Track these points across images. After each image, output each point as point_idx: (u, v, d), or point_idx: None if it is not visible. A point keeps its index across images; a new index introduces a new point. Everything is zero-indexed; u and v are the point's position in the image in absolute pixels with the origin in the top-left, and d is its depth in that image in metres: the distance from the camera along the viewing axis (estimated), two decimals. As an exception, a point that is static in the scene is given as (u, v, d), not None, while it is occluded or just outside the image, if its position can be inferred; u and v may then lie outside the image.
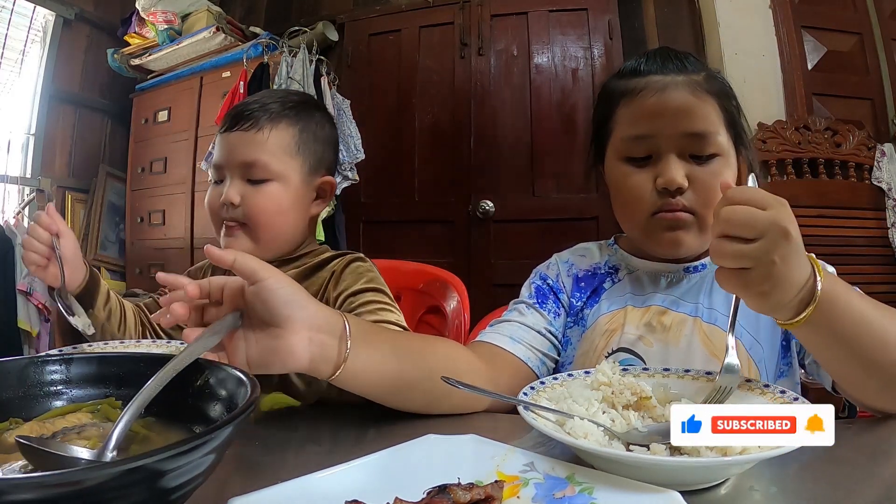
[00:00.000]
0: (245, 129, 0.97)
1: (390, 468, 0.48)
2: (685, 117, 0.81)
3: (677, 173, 0.80)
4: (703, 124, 0.81)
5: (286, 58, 2.90)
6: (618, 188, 0.87)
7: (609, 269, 0.94)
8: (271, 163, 0.97)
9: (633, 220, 0.86)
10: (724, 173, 0.81)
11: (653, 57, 0.87)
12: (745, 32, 2.65)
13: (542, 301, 0.93)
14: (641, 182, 0.83)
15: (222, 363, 0.51)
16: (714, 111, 0.82)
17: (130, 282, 3.46)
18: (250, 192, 0.97)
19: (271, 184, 0.98)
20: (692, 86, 0.82)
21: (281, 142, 0.98)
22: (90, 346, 0.92)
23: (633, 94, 0.85)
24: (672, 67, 0.84)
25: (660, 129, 0.81)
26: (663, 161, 0.81)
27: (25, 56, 3.31)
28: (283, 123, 0.99)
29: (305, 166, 1.01)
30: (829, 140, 2.58)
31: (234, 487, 0.43)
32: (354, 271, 0.98)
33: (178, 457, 0.34)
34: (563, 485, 0.46)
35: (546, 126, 2.94)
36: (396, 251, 2.80)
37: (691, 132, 0.80)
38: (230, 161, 0.98)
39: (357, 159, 2.98)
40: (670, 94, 0.82)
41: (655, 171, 0.82)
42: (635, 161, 0.84)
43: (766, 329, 0.82)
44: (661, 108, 0.82)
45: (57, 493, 0.31)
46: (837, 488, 0.51)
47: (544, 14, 2.99)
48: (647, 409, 0.61)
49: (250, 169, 0.97)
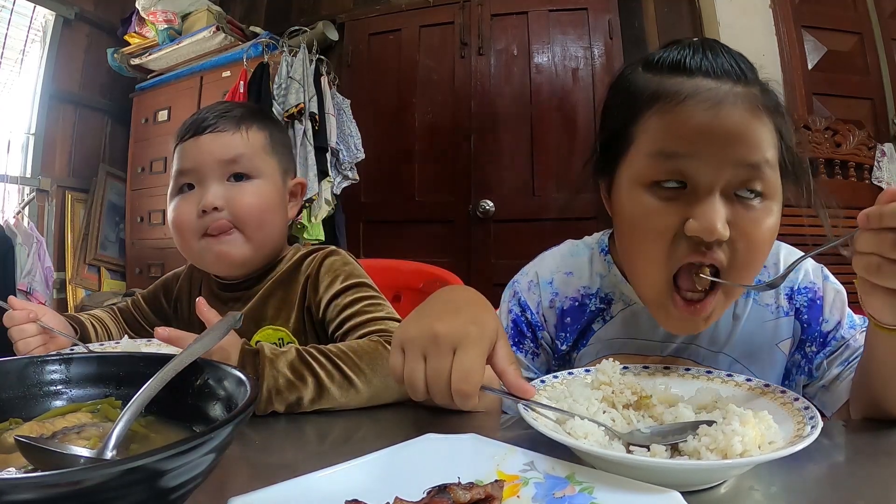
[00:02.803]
0: (220, 131, 0.93)
1: (390, 468, 0.48)
2: (740, 143, 0.62)
3: (718, 219, 0.61)
4: (760, 153, 0.63)
5: (286, 57, 2.90)
6: (631, 225, 0.69)
7: (600, 301, 0.81)
8: (252, 158, 0.94)
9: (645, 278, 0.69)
10: (769, 219, 0.65)
11: (700, 50, 0.67)
12: (745, 32, 2.65)
13: (519, 342, 0.83)
14: (666, 224, 0.64)
15: (222, 363, 0.51)
16: (771, 136, 0.65)
17: (130, 282, 3.46)
18: (235, 192, 0.92)
19: (255, 181, 0.94)
20: (752, 101, 0.64)
21: (257, 142, 0.96)
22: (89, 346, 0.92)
23: (673, 99, 0.64)
24: (727, 69, 0.65)
25: (707, 152, 0.62)
26: (701, 197, 0.63)
27: (25, 56, 3.30)
28: (255, 126, 0.96)
29: (280, 167, 0.99)
30: (829, 140, 2.58)
31: (234, 487, 0.43)
32: (330, 270, 0.94)
33: (177, 456, 0.34)
34: (563, 484, 0.46)
35: (546, 126, 2.94)
36: (396, 251, 2.79)
37: (749, 162, 0.63)
38: (205, 162, 0.92)
39: (357, 159, 2.98)
40: (728, 112, 0.62)
41: (687, 209, 0.63)
42: (662, 190, 0.65)
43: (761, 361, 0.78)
44: (711, 127, 0.62)
45: (57, 493, 0.31)
46: (837, 488, 0.51)
47: (544, 14, 3.00)
48: (647, 408, 0.61)
49: (232, 166, 0.92)
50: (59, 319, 0.93)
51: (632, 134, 0.68)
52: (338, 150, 2.90)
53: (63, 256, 3.43)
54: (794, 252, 0.80)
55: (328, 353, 0.76)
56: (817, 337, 0.77)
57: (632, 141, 0.68)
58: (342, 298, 0.90)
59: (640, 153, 0.67)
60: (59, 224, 3.43)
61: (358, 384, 0.74)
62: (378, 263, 1.46)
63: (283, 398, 0.72)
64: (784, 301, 0.79)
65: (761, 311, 0.79)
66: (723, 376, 0.66)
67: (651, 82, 0.67)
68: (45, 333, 0.89)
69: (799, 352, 0.79)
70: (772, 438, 0.51)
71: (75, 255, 3.46)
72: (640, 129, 0.67)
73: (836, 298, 0.78)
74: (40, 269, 2.96)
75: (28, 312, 0.87)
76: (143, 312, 1.09)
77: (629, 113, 0.69)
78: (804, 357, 0.78)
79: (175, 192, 0.96)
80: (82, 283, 3.45)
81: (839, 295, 0.79)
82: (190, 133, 0.94)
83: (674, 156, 0.64)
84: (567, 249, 0.88)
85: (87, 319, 1.01)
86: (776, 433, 0.52)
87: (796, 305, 0.79)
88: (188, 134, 0.94)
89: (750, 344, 0.78)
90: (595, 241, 0.87)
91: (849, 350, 0.76)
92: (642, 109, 0.67)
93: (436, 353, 0.57)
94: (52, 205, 3.37)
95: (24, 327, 0.87)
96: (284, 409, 0.72)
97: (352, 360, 0.75)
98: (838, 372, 0.76)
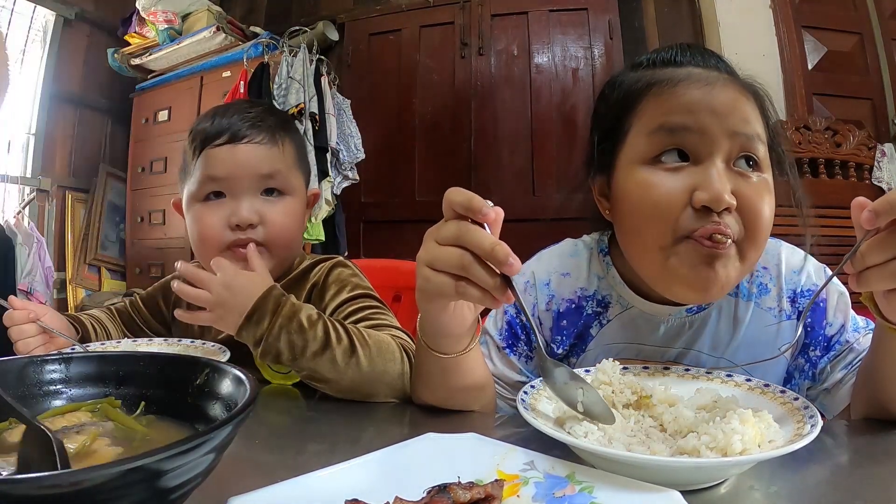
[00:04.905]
0: (258, 143, 0.91)
1: (390, 467, 0.48)
2: (736, 114, 0.65)
3: (724, 186, 0.63)
4: (754, 125, 0.66)
5: (286, 57, 2.90)
6: (638, 203, 0.67)
7: (597, 304, 0.80)
8: (288, 175, 0.93)
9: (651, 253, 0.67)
10: (768, 192, 0.66)
11: (687, 49, 0.72)
12: (745, 32, 2.65)
13: (513, 344, 0.82)
14: (674, 195, 0.64)
15: (222, 363, 0.51)
16: (758, 120, 0.68)
17: (130, 282, 3.47)
18: (268, 209, 0.90)
19: (287, 198, 0.93)
20: (740, 86, 0.68)
21: (290, 156, 0.95)
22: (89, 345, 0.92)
23: (668, 83, 0.67)
24: (713, 63, 0.70)
25: (706, 123, 0.64)
26: (705, 168, 0.64)
27: (25, 56, 3.31)
28: (288, 138, 0.95)
29: (305, 180, 0.99)
30: (829, 140, 2.58)
31: (234, 487, 0.43)
32: (337, 279, 0.94)
33: (177, 456, 0.34)
34: (563, 484, 0.46)
35: (546, 126, 2.94)
36: (396, 251, 2.78)
37: (744, 132, 0.65)
38: (242, 174, 0.89)
39: (357, 159, 2.98)
40: (719, 90, 0.66)
41: (692, 181, 0.64)
42: (664, 165, 0.66)
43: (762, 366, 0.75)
44: (707, 101, 0.65)
45: (57, 493, 0.31)
46: (837, 488, 0.51)
47: (544, 14, 3.00)
48: (647, 408, 0.61)
49: (268, 181, 0.91)
50: (60, 319, 0.93)
51: (628, 122, 0.70)
52: (338, 150, 2.90)
53: (63, 256, 3.43)
54: (796, 252, 0.79)
55: (342, 322, 0.79)
56: (821, 341, 0.76)
57: (629, 129, 0.70)
58: (348, 306, 0.90)
59: (639, 135, 0.68)
60: (59, 224, 3.43)
61: (361, 357, 0.75)
62: (378, 263, 1.46)
63: (289, 339, 0.74)
64: (787, 305, 0.77)
65: (763, 315, 0.77)
66: (723, 376, 0.66)
67: (643, 76, 0.70)
68: (45, 334, 0.88)
69: (802, 356, 0.77)
70: (772, 437, 0.51)
71: (75, 255, 3.47)
72: (636, 116, 0.69)
73: (840, 301, 0.77)
74: (41, 269, 2.96)
75: (28, 312, 0.87)
76: (141, 314, 1.09)
77: (623, 106, 0.71)
78: (808, 361, 0.77)
79: (199, 197, 0.91)
80: (82, 283, 3.45)
81: (843, 297, 0.77)
82: (224, 140, 0.90)
83: (673, 129, 0.65)
84: (565, 248, 0.86)
85: (86, 319, 1.01)
86: (776, 432, 0.52)
87: (799, 308, 0.77)
88: (221, 140, 0.90)
89: (751, 348, 0.76)
90: (595, 241, 0.85)
91: (853, 353, 0.74)
92: (637, 99, 0.69)
93: None
94: (53, 205, 3.37)
95: (23, 328, 0.87)
96: (287, 352, 0.74)
97: (362, 336, 0.78)
98: (842, 376, 0.74)
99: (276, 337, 0.74)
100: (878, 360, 0.65)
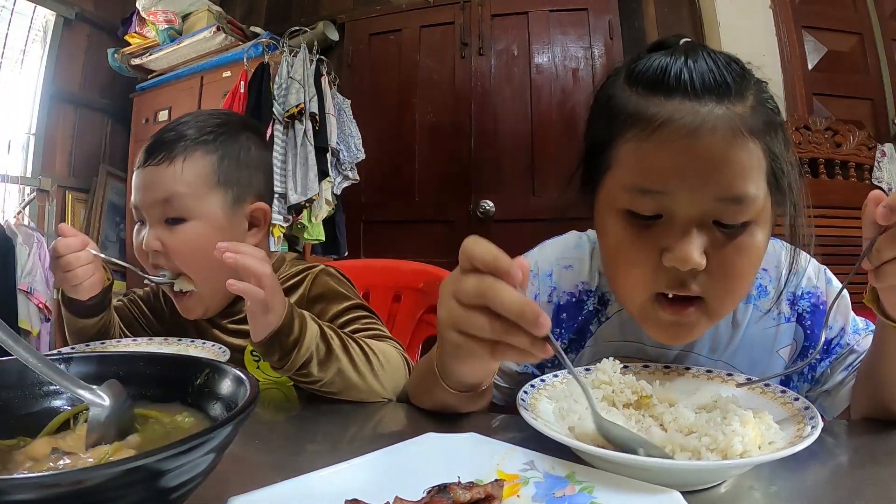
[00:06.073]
0: (156, 164, 0.88)
1: (390, 467, 0.48)
2: (719, 177, 0.59)
3: (694, 250, 0.59)
4: (741, 186, 0.59)
5: (286, 57, 2.90)
6: (611, 251, 0.68)
7: (598, 301, 0.80)
8: (186, 198, 0.88)
9: (627, 298, 0.68)
10: (753, 244, 0.62)
11: (684, 59, 0.61)
12: (745, 32, 2.65)
13: None
14: (643, 254, 0.63)
15: (222, 363, 0.51)
16: (758, 161, 0.60)
17: (130, 282, 3.46)
18: (167, 237, 0.88)
19: (188, 224, 0.88)
20: (734, 123, 0.59)
21: (197, 173, 0.89)
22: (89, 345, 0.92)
23: (648, 124, 0.60)
24: (710, 85, 0.60)
25: (681, 189, 0.60)
26: (677, 229, 0.60)
27: (25, 56, 3.31)
28: (199, 152, 0.90)
29: (229, 197, 0.92)
30: (829, 140, 2.58)
31: (234, 487, 0.43)
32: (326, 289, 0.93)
33: (177, 456, 0.34)
34: (563, 484, 0.46)
35: (546, 126, 2.94)
36: (396, 251, 2.79)
37: (725, 197, 0.59)
38: (145, 201, 0.89)
39: (357, 159, 2.98)
40: (704, 141, 0.58)
41: (664, 239, 0.61)
42: (638, 218, 0.63)
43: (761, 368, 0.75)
44: (687, 160, 0.59)
45: (57, 493, 0.31)
46: (837, 488, 0.51)
47: (544, 14, 3.00)
48: (647, 407, 0.61)
49: (165, 207, 0.88)
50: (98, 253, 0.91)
51: (609, 158, 0.65)
52: (338, 150, 2.90)
53: (63, 256, 3.43)
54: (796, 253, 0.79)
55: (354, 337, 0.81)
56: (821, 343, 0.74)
57: (608, 167, 0.66)
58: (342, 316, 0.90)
59: (616, 184, 0.64)
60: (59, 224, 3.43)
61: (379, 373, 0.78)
62: (378, 263, 1.46)
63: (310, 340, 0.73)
64: (786, 307, 0.77)
65: (762, 318, 0.77)
66: (723, 376, 0.66)
67: (629, 102, 0.63)
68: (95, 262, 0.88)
69: (802, 358, 0.76)
70: (772, 438, 0.51)
71: (75, 255, 3.46)
72: (616, 156, 0.64)
73: (840, 303, 0.76)
74: (41, 269, 2.96)
75: (82, 238, 0.87)
76: (140, 312, 1.09)
77: (608, 133, 0.65)
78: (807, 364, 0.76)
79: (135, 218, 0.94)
80: (82, 283, 3.45)
81: (843, 299, 0.76)
82: (141, 159, 0.90)
83: (649, 193, 0.61)
84: (570, 240, 0.85)
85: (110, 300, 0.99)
86: (776, 433, 0.52)
87: (798, 311, 0.77)
88: (139, 160, 0.90)
89: (750, 351, 0.76)
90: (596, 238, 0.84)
91: (853, 355, 0.74)
92: (619, 130, 0.64)
93: None
94: (53, 205, 3.37)
95: (80, 254, 0.86)
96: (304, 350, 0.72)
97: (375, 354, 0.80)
98: (842, 377, 0.74)
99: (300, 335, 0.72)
100: (879, 361, 0.65)
